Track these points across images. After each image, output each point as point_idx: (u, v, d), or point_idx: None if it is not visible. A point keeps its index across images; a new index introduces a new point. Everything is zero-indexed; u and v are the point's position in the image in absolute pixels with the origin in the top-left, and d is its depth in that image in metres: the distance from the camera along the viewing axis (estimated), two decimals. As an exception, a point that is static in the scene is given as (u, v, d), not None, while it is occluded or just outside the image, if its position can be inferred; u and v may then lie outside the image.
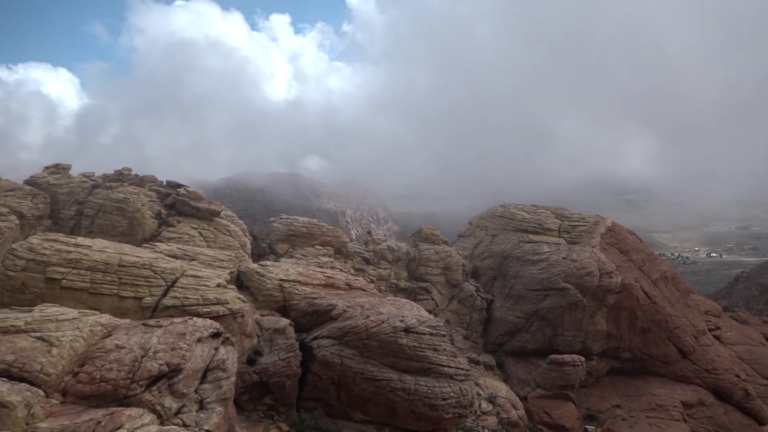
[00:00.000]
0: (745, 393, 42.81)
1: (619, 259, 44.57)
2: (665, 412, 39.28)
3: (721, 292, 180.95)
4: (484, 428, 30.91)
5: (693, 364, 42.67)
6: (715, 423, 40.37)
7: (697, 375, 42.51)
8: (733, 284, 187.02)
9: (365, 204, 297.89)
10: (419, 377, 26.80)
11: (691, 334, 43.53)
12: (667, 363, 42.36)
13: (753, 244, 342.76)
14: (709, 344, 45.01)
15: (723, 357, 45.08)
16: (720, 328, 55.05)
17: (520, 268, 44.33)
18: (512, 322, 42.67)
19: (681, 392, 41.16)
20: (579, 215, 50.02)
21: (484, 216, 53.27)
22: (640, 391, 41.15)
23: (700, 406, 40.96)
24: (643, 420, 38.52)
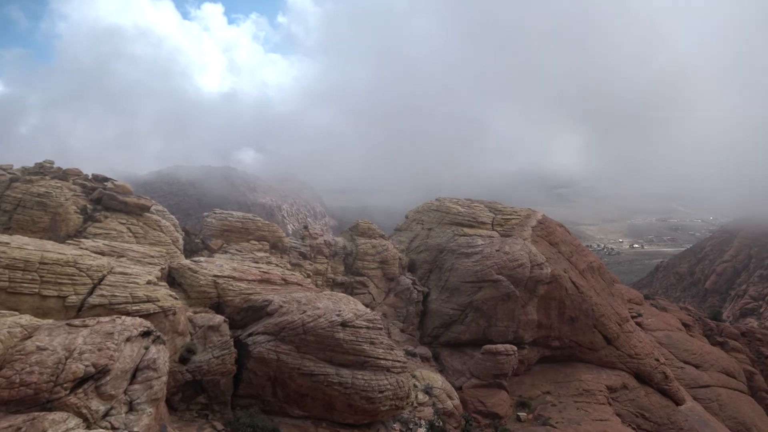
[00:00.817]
0: (664, 376, 45.31)
1: (549, 251, 46.12)
2: (592, 397, 41.05)
3: (643, 281, 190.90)
4: (421, 419, 31.40)
5: (617, 350, 44.77)
6: (637, 405, 42.54)
7: (620, 360, 44.62)
8: (653, 273, 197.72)
9: (301, 198, 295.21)
10: (356, 371, 26.89)
11: (616, 322, 45.63)
12: (594, 350, 44.25)
13: (671, 235, 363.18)
14: (632, 331, 47.33)
15: (644, 342, 47.52)
16: (641, 315, 58.11)
17: (455, 261, 45.13)
18: (448, 314, 43.41)
19: (606, 377, 43.12)
20: (511, 209, 51.39)
21: (420, 210, 53.87)
22: (569, 377, 42.80)
23: (623, 389, 43.03)
24: (571, 405, 40.11)
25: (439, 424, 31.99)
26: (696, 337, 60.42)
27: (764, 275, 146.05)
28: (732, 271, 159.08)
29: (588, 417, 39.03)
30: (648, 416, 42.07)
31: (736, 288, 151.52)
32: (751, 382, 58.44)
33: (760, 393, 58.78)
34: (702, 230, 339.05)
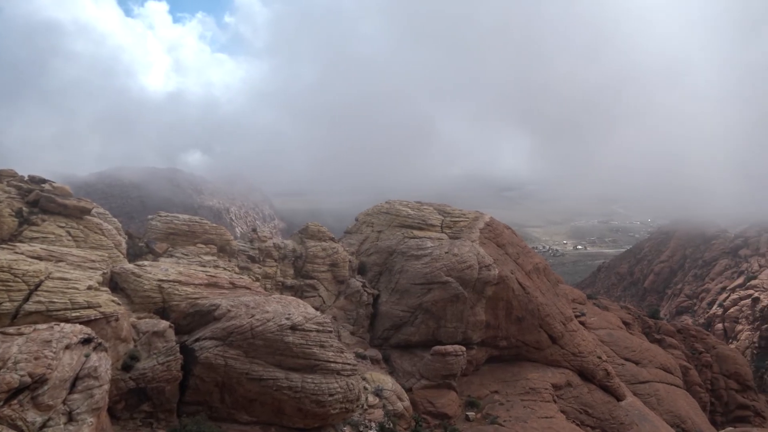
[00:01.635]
0: (606, 373, 46.86)
1: (497, 253, 47.01)
2: (538, 395, 42.04)
3: (586, 281, 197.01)
4: (371, 421, 31.42)
5: (562, 349, 46.01)
6: (581, 402, 43.85)
7: (565, 358, 45.88)
8: (595, 274, 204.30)
9: (250, 201, 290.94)
10: (306, 374, 26.69)
11: (560, 321, 46.90)
12: (540, 349, 45.34)
13: (613, 236, 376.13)
14: (576, 330, 48.76)
15: (587, 341, 49.03)
16: (585, 315, 59.99)
17: (405, 263, 45.42)
18: (398, 316, 43.62)
19: (551, 375, 44.24)
20: (460, 211, 52.10)
21: (370, 212, 53.95)
22: (516, 376, 43.70)
23: (567, 387, 44.27)
24: (518, 403, 40.97)
25: (389, 425, 32.10)
26: (636, 334, 62.81)
27: (698, 275, 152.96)
28: (669, 271, 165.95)
29: (534, 414, 39.95)
30: (591, 412, 43.41)
31: (672, 287, 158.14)
32: (687, 376, 61.18)
33: (694, 387, 61.60)
34: (641, 232, 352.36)
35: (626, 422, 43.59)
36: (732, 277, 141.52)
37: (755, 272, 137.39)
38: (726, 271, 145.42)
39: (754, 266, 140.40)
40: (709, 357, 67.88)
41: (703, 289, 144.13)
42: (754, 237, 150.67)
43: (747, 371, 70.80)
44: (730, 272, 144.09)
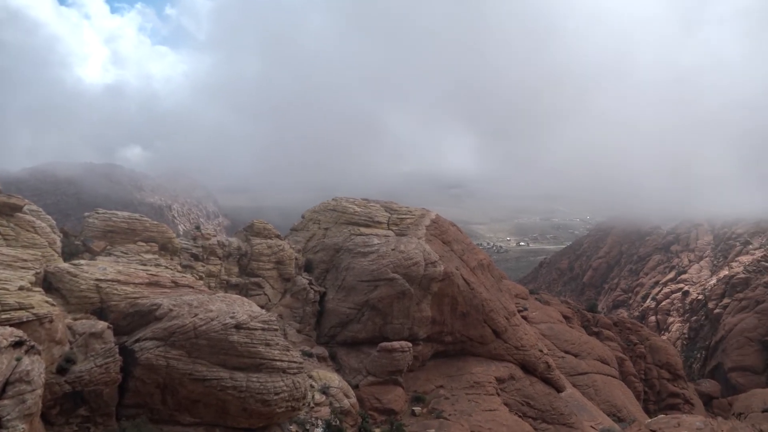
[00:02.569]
0: (547, 365, 48.29)
1: (442, 249, 47.64)
2: (482, 388, 42.91)
3: (528, 276, 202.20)
4: (318, 419, 31.34)
5: (505, 343, 47.10)
6: (523, 394, 45.02)
7: (508, 352, 46.99)
8: (537, 269, 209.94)
9: (193, 197, 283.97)
10: (251, 374, 26.35)
11: (504, 316, 47.98)
12: (484, 343, 46.26)
13: (554, 233, 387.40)
14: (518, 324, 50.00)
15: (529, 335, 50.37)
16: (527, 309, 61.61)
17: (352, 260, 45.44)
18: (344, 313, 43.62)
19: (495, 369, 45.24)
20: (406, 208, 52.49)
21: (316, 209, 53.66)
22: (461, 371, 44.46)
23: (510, 380, 45.37)
24: (463, 397, 41.70)
25: (336, 423, 32.10)
26: (575, 328, 64.96)
27: (633, 269, 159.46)
28: (606, 267, 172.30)
29: (478, 408, 40.77)
30: (533, 404, 44.63)
31: (609, 282, 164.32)
32: (622, 367, 63.73)
33: (629, 377, 64.24)
34: (580, 228, 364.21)
35: (566, 413, 45.05)
36: (664, 271, 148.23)
37: (685, 267, 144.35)
38: (659, 266, 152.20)
39: (684, 261, 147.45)
40: (643, 348, 70.94)
41: (638, 283, 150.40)
42: (684, 233, 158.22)
43: (678, 361, 74.40)
44: (662, 267, 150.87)
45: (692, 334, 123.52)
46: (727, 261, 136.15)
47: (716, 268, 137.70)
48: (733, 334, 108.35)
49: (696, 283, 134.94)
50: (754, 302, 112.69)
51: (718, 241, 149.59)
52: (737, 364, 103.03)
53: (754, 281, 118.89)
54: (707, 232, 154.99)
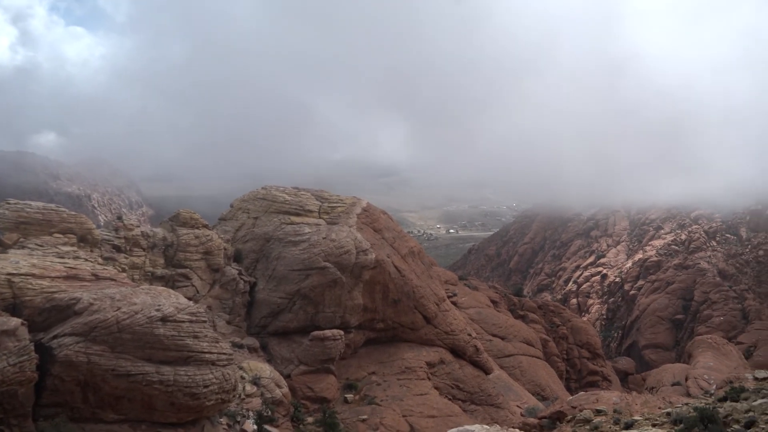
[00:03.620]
0: (476, 349, 49.71)
1: (373, 237, 47.94)
2: (413, 373, 43.71)
3: (458, 263, 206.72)
4: (249, 411, 30.99)
5: (435, 328, 48.08)
6: (453, 377, 46.20)
7: (438, 337, 48.01)
8: (466, 256, 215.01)
9: (114, 187, 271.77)
10: (179, 367, 25.69)
11: (434, 302, 48.93)
12: (415, 329, 47.04)
13: (482, 220, 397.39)
14: (448, 309, 51.13)
15: (458, 320, 51.63)
16: (456, 295, 63.04)
17: (283, 250, 44.98)
18: (275, 303, 43.19)
19: (426, 354, 46.14)
20: (338, 197, 52.38)
21: (245, 198, 52.64)
22: (393, 357, 45.08)
23: (441, 364, 46.43)
24: (394, 383, 42.34)
25: (267, 413, 31.86)
26: (502, 312, 67.10)
27: (556, 254, 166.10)
28: (531, 252, 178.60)
29: (410, 392, 41.53)
30: (462, 387, 45.90)
31: (534, 266, 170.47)
32: (546, 348, 66.48)
33: (552, 358, 67.10)
34: (507, 216, 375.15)
35: (493, 394, 46.62)
36: (585, 256, 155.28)
37: (604, 251, 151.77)
38: (580, 250, 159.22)
39: (603, 246, 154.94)
40: (565, 329, 74.23)
41: (561, 267, 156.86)
42: (603, 219, 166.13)
43: (597, 341, 78.41)
44: (583, 252, 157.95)
45: (610, 314, 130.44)
46: (642, 245, 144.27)
47: (632, 252, 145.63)
48: (646, 313, 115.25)
49: (613, 266, 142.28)
50: (665, 283, 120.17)
51: (633, 227, 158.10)
52: (650, 342, 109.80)
53: (665, 264, 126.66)
54: (624, 218, 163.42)
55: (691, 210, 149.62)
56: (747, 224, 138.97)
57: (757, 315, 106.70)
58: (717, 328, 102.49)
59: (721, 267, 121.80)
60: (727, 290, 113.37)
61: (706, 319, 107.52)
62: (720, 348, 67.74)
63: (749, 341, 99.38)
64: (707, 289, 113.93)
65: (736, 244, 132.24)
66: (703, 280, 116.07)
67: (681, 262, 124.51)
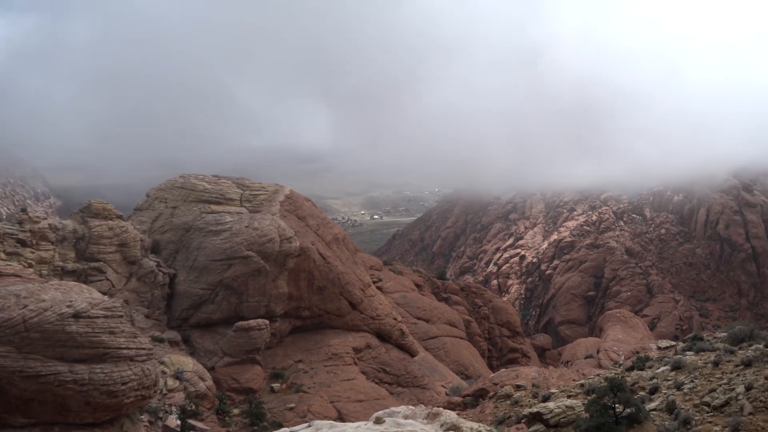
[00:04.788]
0: (401, 332, 50.53)
1: (297, 225, 47.53)
2: (340, 359, 43.92)
3: (382, 248, 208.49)
4: (172, 405, 30.16)
5: (361, 314, 48.45)
6: (379, 361, 46.80)
7: (364, 323, 48.42)
8: (391, 241, 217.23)
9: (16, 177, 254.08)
10: (94, 365, 24.57)
11: (359, 288, 49.22)
12: (341, 315, 47.20)
13: (406, 206, 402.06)
14: (374, 295, 51.61)
15: (384, 304, 52.24)
16: (381, 280, 63.60)
17: (203, 240, 43.81)
18: (197, 294, 42.09)
19: (352, 339, 46.44)
20: (260, 184, 51.48)
21: (162, 187, 50.75)
22: (319, 344, 45.07)
23: (367, 349, 46.89)
24: (321, 370, 42.40)
25: (191, 407, 31.12)
26: (426, 295, 68.39)
27: (477, 237, 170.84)
28: (453, 236, 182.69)
29: (337, 378, 41.73)
30: (388, 370, 46.59)
31: (456, 250, 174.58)
32: (469, 329, 68.44)
33: (475, 338, 69.21)
34: (430, 200, 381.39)
35: (419, 375, 47.61)
36: (504, 238, 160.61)
37: (522, 233, 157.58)
38: (499, 233, 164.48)
39: (521, 228, 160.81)
40: (487, 310, 76.67)
41: (482, 250, 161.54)
42: (521, 203, 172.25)
43: (516, 320, 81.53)
44: (502, 234, 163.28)
45: (528, 294, 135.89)
46: (556, 226, 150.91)
47: (547, 234, 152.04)
48: (561, 291, 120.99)
49: (531, 247, 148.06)
50: (578, 262, 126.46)
51: (549, 209, 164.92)
52: (565, 318, 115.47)
53: (578, 244, 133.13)
54: (540, 201, 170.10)
55: (601, 192, 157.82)
56: (651, 204, 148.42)
57: (660, 289, 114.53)
58: (625, 302, 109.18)
59: (628, 245, 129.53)
60: (634, 267, 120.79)
61: (615, 295, 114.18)
62: (628, 321, 72.34)
63: (653, 314, 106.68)
64: (616, 266, 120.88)
65: (641, 223, 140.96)
66: (612, 258, 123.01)
67: (592, 241, 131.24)
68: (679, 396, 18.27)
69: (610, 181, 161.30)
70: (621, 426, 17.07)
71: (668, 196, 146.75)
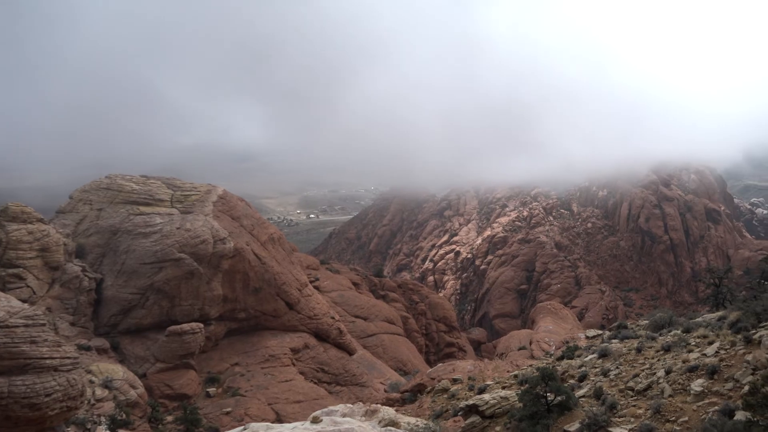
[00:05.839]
0: (339, 331, 50.46)
1: (232, 226, 46.60)
2: (277, 361, 43.40)
3: (319, 248, 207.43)
4: (100, 416, 28.93)
5: (298, 314, 48.04)
6: (318, 361, 46.57)
7: (302, 323, 48.04)
8: (327, 240, 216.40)
9: None
10: (14, 377, 23.21)
11: (296, 288, 48.79)
12: (277, 316, 46.64)
13: (342, 204, 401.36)
14: (311, 294, 51.28)
15: (321, 304, 52.01)
16: (319, 279, 63.31)
17: (132, 242, 42.23)
18: (126, 299, 40.53)
19: (290, 340, 45.98)
20: (191, 184, 50.12)
21: (87, 188, 48.54)
22: (256, 346, 44.37)
23: (305, 349, 46.54)
24: (259, 372, 41.76)
25: (122, 417, 29.96)
26: (364, 293, 68.60)
27: (413, 235, 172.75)
28: (390, 234, 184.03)
29: (275, 380, 41.22)
30: (327, 369, 46.44)
31: (393, 247, 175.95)
32: (406, 325, 69.17)
33: (413, 333, 70.04)
34: (366, 199, 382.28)
35: (358, 373, 47.70)
36: (439, 235, 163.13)
37: (456, 230, 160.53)
38: (435, 230, 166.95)
39: (455, 225, 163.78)
40: (424, 306, 77.73)
41: (418, 247, 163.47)
42: (455, 200, 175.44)
43: (452, 314, 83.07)
44: (438, 231, 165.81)
45: (463, 289, 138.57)
46: (490, 222, 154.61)
47: (481, 229, 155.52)
48: (495, 286, 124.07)
49: (465, 243, 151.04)
50: (511, 257, 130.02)
51: (482, 205, 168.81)
52: (499, 312, 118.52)
53: (510, 239, 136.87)
54: (474, 198, 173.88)
55: (532, 188, 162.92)
56: (578, 200, 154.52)
57: (588, 281, 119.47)
58: (555, 294, 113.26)
59: (558, 239, 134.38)
60: (563, 260, 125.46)
61: (545, 288, 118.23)
62: (558, 312, 75.03)
63: (581, 305, 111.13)
64: (546, 260, 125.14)
65: (569, 218, 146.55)
66: (542, 252, 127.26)
67: (524, 236, 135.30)
68: (605, 382, 19.12)
69: (540, 177, 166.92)
70: (552, 414, 17.72)
71: (594, 192, 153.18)
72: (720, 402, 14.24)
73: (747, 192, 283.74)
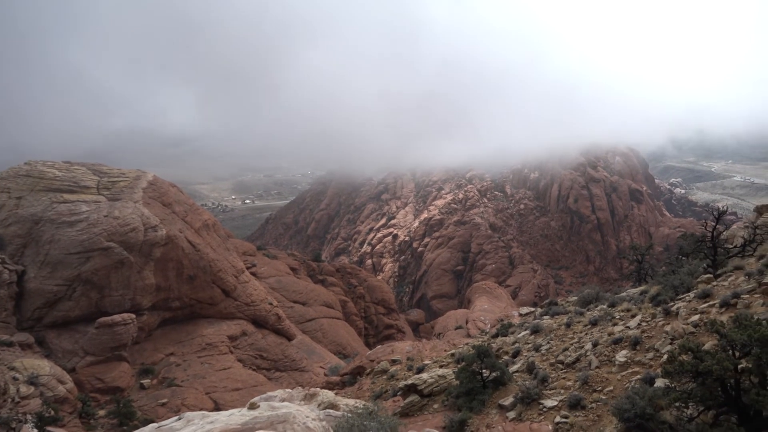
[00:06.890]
0: (277, 317, 50.08)
1: (163, 212, 45.18)
2: (215, 349, 42.67)
3: (255, 233, 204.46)
4: (26, 414, 27.63)
5: (235, 301, 47.31)
6: (256, 348, 46.11)
7: (239, 310, 47.35)
8: (264, 226, 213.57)
9: None
10: (-71, 377, 21.85)
11: (232, 275, 47.96)
12: (214, 304, 45.76)
13: (278, 189, 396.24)
14: (248, 281, 50.56)
15: (259, 290, 51.39)
16: (256, 265, 62.53)
17: (56, 232, 40.24)
18: (51, 291, 38.69)
19: (227, 328, 45.27)
20: (119, 170, 48.14)
21: (4, 176, 45.75)
22: (192, 335, 43.44)
23: (243, 336, 45.96)
24: (195, 361, 40.94)
25: (50, 414, 28.73)
26: (302, 278, 68.28)
27: (351, 219, 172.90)
28: (327, 218, 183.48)
29: (212, 369, 40.55)
30: (266, 356, 46.08)
31: (331, 232, 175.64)
32: (345, 309, 69.49)
33: (352, 317, 70.45)
34: (302, 183, 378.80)
35: (297, 358, 47.59)
36: (377, 218, 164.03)
37: (394, 213, 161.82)
38: (372, 213, 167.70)
39: (393, 208, 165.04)
40: (362, 289, 78.19)
41: (356, 231, 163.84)
42: (392, 183, 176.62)
43: (391, 297, 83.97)
44: (375, 215, 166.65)
45: (401, 271, 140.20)
46: (426, 205, 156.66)
47: (418, 212, 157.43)
48: (432, 267, 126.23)
49: (403, 226, 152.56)
50: (447, 239, 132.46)
51: (419, 189, 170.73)
52: (436, 293, 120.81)
53: (446, 221, 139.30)
54: (411, 181, 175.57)
55: (467, 170, 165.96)
56: (511, 182, 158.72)
57: (521, 260, 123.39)
58: (490, 274, 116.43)
59: (492, 221, 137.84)
60: (497, 241, 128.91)
61: (481, 268, 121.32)
62: (493, 292, 77.19)
63: (515, 283, 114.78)
64: (481, 241, 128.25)
65: (503, 200, 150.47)
66: (477, 234, 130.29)
67: (459, 218, 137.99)
68: (537, 357, 19.91)
69: (476, 160, 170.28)
70: (488, 389, 18.32)
71: (526, 174, 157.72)
72: (642, 371, 15.11)
73: (667, 172, 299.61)
